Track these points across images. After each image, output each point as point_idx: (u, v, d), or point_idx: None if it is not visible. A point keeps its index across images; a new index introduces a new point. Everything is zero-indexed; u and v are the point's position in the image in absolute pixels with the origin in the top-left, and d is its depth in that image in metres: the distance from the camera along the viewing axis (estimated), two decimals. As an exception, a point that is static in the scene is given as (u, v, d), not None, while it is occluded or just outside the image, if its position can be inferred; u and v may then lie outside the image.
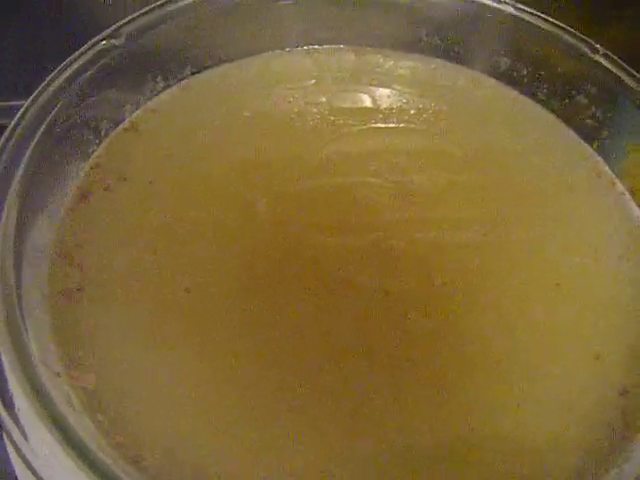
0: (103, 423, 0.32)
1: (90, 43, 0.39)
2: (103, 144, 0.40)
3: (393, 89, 0.44)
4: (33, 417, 0.29)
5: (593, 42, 0.42)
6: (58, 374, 0.32)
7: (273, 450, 0.32)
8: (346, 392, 0.33)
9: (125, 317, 0.35)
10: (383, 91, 0.44)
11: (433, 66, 0.46)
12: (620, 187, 0.42)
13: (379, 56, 0.46)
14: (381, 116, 0.43)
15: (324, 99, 0.43)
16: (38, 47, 0.42)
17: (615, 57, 0.41)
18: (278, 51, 0.45)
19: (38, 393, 0.29)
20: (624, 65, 0.41)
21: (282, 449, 0.32)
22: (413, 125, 0.43)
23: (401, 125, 0.43)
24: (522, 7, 0.43)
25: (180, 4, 0.41)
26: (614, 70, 0.41)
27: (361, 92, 0.44)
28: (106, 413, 0.32)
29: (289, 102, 0.43)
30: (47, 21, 0.46)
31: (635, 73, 0.41)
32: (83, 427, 0.31)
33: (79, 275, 0.36)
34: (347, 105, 0.43)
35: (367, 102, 0.44)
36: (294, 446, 0.32)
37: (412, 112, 0.43)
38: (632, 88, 0.41)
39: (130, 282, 0.36)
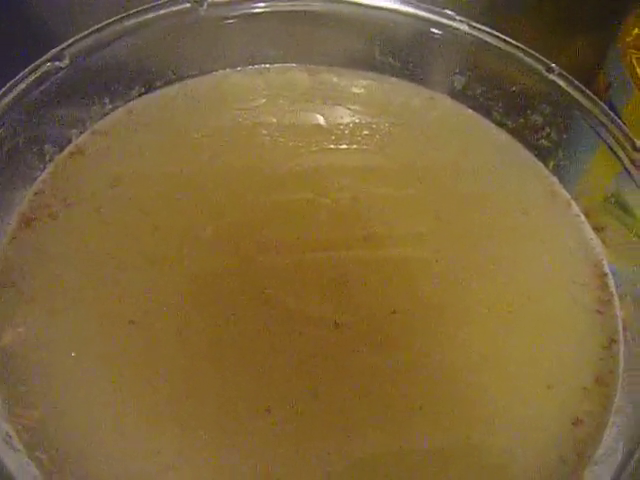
0: (45, 462, 0.31)
1: (33, 65, 0.38)
2: (48, 168, 0.39)
3: (346, 109, 0.44)
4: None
5: (548, 61, 0.41)
6: (-2, 413, 0.32)
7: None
8: (294, 432, 0.33)
9: (71, 351, 0.34)
10: (336, 111, 0.44)
11: (387, 85, 0.45)
12: (575, 208, 0.41)
13: (332, 75, 0.45)
14: (333, 137, 0.42)
15: (274, 119, 0.43)
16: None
17: (570, 77, 0.41)
18: (228, 70, 0.44)
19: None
20: (579, 85, 0.41)
21: None
22: (365, 146, 0.42)
23: (353, 146, 0.42)
24: (477, 25, 0.42)
25: (126, 24, 0.40)
26: (569, 90, 0.41)
27: (313, 112, 0.43)
28: (47, 451, 0.31)
29: (238, 122, 0.42)
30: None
31: (590, 93, 0.40)
32: (22, 467, 0.30)
33: (24, 306, 0.35)
34: (298, 126, 0.43)
35: (319, 122, 0.43)
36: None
37: (365, 132, 0.43)
38: (587, 108, 0.40)
39: (76, 314, 0.35)
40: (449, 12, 0.43)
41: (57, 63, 0.38)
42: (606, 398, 0.35)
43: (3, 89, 0.37)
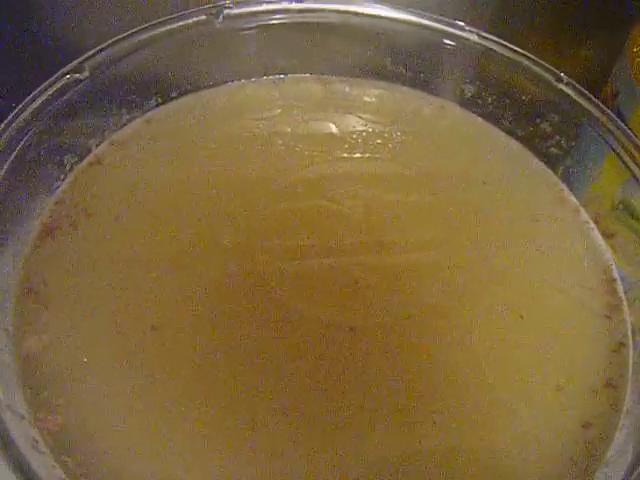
0: (70, 465, 0.32)
1: (53, 78, 0.39)
2: (68, 179, 0.40)
3: (359, 118, 0.45)
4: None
5: (557, 71, 0.42)
6: (23, 417, 0.32)
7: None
8: (310, 435, 0.33)
9: (92, 357, 0.35)
10: (349, 120, 0.44)
11: (399, 94, 0.46)
12: (584, 215, 0.42)
13: (345, 85, 0.46)
14: (347, 146, 0.43)
15: (289, 129, 0.43)
16: None
17: (579, 86, 0.42)
18: (243, 81, 0.45)
19: (1, 438, 0.29)
20: (588, 94, 0.41)
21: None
22: (378, 154, 0.43)
23: (366, 155, 0.43)
24: (486, 35, 0.43)
25: (144, 36, 0.41)
26: (578, 99, 0.42)
27: (327, 121, 0.44)
28: (72, 455, 0.32)
29: (254, 133, 0.43)
30: (8, 55, 0.46)
31: (598, 102, 0.41)
32: (49, 471, 0.31)
33: (46, 314, 0.36)
34: (313, 135, 0.43)
35: (333, 131, 0.44)
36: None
37: (378, 141, 0.43)
38: (595, 117, 0.41)
39: (97, 321, 0.36)
40: (459, 23, 0.43)
41: (77, 75, 0.39)
42: (616, 401, 0.36)
43: (24, 101, 0.38)
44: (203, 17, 0.42)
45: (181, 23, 0.42)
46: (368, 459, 0.33)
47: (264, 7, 0.43)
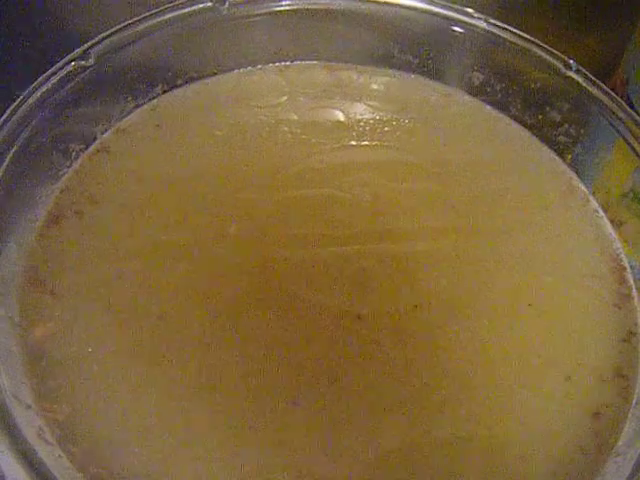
0: (76, 455, 0.32)
1: (58, 65, 0.38)
2: (73, 166, 0.40)
3: (367, 106, 0.44)
4: (3, 453, 0.29)
5: (566, 57, 0.42)
6: (29, 406, 0.32)
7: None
8: (321, 425, 0.33)
9: (97, 346, 0.34)
10: (356, 108, 0.44)
11: (406, 82, 0.46)
12: (594, 203, 0.42)
13: (352, 72, 0.46)
14: (354, 134, 0.43)
15: (296, 117, 0.43)
16: (4, 70, 0.42)
17: (588, 73, 0.41)
18: (249, 68, 0.45)
19: (7, 428, 0.29)
20: (597, 81, 0.41)
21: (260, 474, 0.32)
22: (387, 142, 0.43)
23: (374, 143, 0.43)
24: (494, 22, 0.43)
25: (149, 23, 0.41)
26: (587, 86, 0.41)
27: (334, 109, 0.44)
28: (79, 444, 0.32)
29: (261, 120, 0.43)
30: (13, 43, 0.46)
31: (607, 89, 0.41)
32: (55, 460, 0.31)
33: (51, 302, 0.35)
34: (320, 122, 0.43)
35: (340, 119, 0.43)
36: (269, 474, 0.32)
37: (386, 129, 0.43)
38: (604, 104, 0.41)
39: (102, 310, 0.35)
40: (467, 9, 0.43)
41: (82, 62, 0.39)
42: (626, 390, 0.36)
43: (29, 88, 0.38)
44: (209, 4, 0.42)
45: (187, 10, 0.42)
46: (377, 448, 0.33)
47: (270, -7, 0.43)
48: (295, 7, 0.43)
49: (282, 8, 0.43)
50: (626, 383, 0.36)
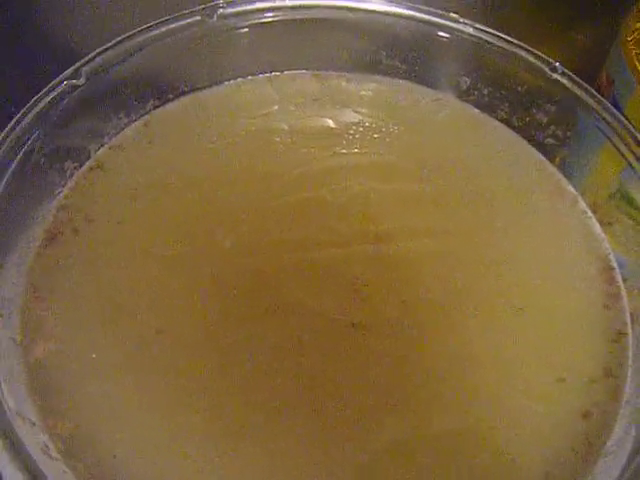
0: (80, 470, 0.32)
1: (51, 85, 0.39)
2: (69, 184, 0.40)
3: (356, 113, 0.45)
4: (10, 470, 0.29)
5: (552, 60, 0.42)
6: (34, 423, 0.33)
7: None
8: (317, 430, 0.34)
9: (98, 362, 0.35)
10: (346, 115, 0.45)
11: (395, 88, 0.46)
12: (582, 205, 0.42)
13: (341, 80, 0.46)
14: (344, 141, 0.43)
15: (286, 126, 0.44)
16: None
17: (573, 75, 0.42)
18: (240, 79, 0.45)
19: (13, 446, 0.30)
20: (583, 83, 0.42)
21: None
22: (376, 148, 0.43)
23: (365, 149, 0.43)
24: (481, 27, 0.43)
25: (138, 39, 0.41)
26: (573, 88, 0.42)
27: (324, 117, 0.44)
28: (83, 460, 0.33)
29: (252, 130, 0.43)
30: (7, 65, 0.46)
31: (593, 91, 0.41)
32: (60, 476, 0.32)
33: (52, 320, 0.36)
34: (310, 131, 0.44)
35: (330, 126, 0.44)
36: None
37: (375, 135, 0.44)
38: (591, 106, 0.41)
39: (101, 326, 0.36)
40: (453, 15, 0.43)
41: (74, 81, 0.39)
42: (615, 390, 0.36)
43: (23, 109, 0.38)
44: (198, 18, 0.42)
45: (176, 24, 0.42)
46: (376, 446, 0.34)
47: (257, 5, 0.43)
48: (282, 18, 0.43)
49: (269, 19, 0.43)
50: (616, 383, 0.37)
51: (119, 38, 0.41)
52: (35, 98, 0.39)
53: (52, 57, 0.42)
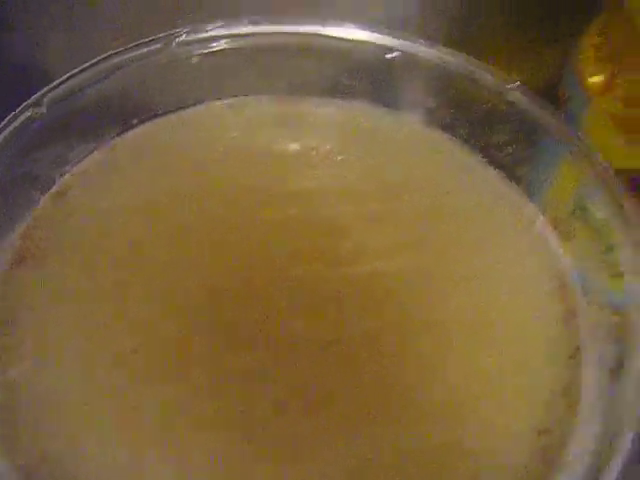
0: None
1: (11, 116, 0.39)
2: (35, 212, 0.41)
3: (317, 136, 0.45)
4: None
5: (510, 78, 0.42)
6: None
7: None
8: (294, 451, 0.34)
9: (66, 391, 0.35)
10: (307, 139, 0.45)
11: (356, 110, 0.46)
12: (542, 221, 0.42)
13: (302, 104, 0.46)
14: (307, 165, 0.44)
15: (249, 150, 0.44)
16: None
17: (532, 92, 0.42)
18: (199, 106, 0.46)
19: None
20: (540, 100, 0.42)
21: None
22: (339, 170, 0.44)
23: (328, 172, 0.43)
24: (440, 48, 0.43)
25: (100, 67, 0.42)
26: (531, 106, 0.42)
27: (285, 141, 0.45)
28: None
29: (215, 156, 0.44)
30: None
31: (551, 108, 0.41)
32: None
33: (15, 350, 0.36)
34: (272, 156, 0.44)
35: (291, 151, 0.44)
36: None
37: (339, 158, 0.44)
38: (548, 122, 0.41)
39: (77, 349, 0.36)
40: (412, 36, 0.44)
41: (36, 110, 0.40)
42: (572, 407, 0.36)
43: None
44: (158, 45, 0.43)
45: (137, 52, 0.42)
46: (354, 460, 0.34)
47: (216, 32, 0.43)
48: (241, 45, 0.44)
49: (225, 46, 0.44)
50: (574, 399, 0.37)
51: (82, 66, 0.41)
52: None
53: (22, 83, 0.43)
